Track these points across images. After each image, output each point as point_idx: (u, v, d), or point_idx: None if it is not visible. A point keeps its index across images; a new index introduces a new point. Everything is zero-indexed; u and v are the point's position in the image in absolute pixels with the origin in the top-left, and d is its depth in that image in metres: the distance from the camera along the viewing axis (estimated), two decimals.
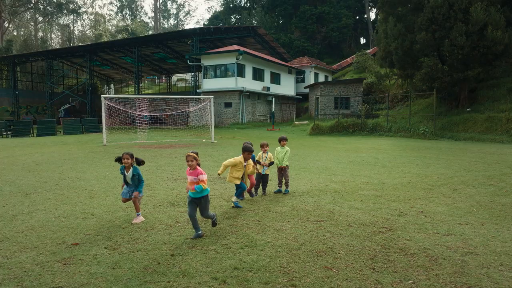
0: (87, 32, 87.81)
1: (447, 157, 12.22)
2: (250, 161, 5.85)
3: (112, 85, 65.78)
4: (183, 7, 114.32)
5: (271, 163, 6.51)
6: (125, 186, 5.13)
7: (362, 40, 64.73)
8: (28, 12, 73.30)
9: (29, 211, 5.47)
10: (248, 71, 30.03)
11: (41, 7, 71.51)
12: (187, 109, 25.24)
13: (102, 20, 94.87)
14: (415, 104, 25.58)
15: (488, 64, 19.55)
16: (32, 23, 74.60)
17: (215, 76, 29.86)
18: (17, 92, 45.41)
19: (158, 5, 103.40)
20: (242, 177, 5.66)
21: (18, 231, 4.51)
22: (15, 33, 73.30)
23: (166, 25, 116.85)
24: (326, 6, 53.28)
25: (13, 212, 5.42)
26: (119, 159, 4.99)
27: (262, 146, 6.54)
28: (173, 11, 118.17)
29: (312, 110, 33.17)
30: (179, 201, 6.04)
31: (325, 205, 5.78)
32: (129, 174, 4.98)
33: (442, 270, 3.38)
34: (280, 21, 57.78)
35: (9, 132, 26.66)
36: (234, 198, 5.64)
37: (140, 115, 20.95)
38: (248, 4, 65.86)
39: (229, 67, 29.00)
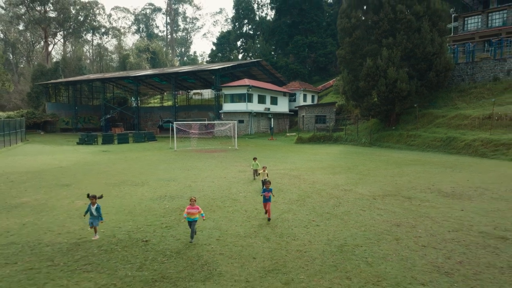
0: (110, 47, 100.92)
1: (361, 156, 25.22)
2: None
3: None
4: (193, 23, 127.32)
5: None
6: (89, 216, 7.99)
7: None
8: (63, 34, 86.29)
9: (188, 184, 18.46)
10: (255, 98, 43.25)
11: (72, 27, 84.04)
12: (222, 128, 38.07)
13: (123, 37, 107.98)
14: (365, 123, 38.70)
15: (399, 102, 32.68)
16: (69, 45, 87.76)
17: (232, 101, 43.13)
18: (76, 108, 58.49)
19: (170, 19, 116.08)
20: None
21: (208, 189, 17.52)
22: (54, 53, 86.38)
23: (176, 36, 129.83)
24: (314, 36, 66.45)
25: (184, 184, 18.41)
26: (92, 197, 7.99)
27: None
28: (182, 25, 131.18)
29: (300, 124, 46.34)
30: (237, 184, 19.03)
31: (292, 171, 18.76)
32: (94, 208, 7.90)
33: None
34: (278, 49, 70.87)
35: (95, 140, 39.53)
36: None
37: (193, 132, 34.01)
38: (252, 32, 79.08)
39: (241, 95, 42.24)
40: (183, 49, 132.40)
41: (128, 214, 10.37)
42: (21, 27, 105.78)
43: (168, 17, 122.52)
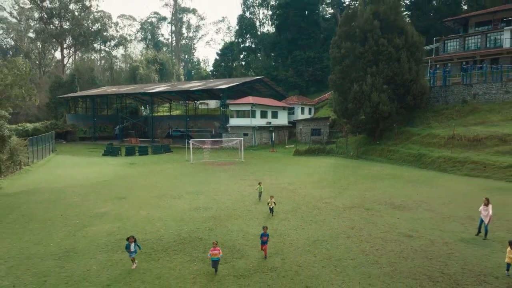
0: (117, 54, 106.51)
1: (347, 170, 30.71)
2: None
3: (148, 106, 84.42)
4: (196, 31, 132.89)
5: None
6: (129, 252, 10.85)
7: None
8: (76, 46, 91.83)
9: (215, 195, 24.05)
10: (258, 113, 48.86)
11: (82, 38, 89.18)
12: (230, 143, 43.59)
13: (129, 44, 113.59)
14: (355, 136, 44.24)
15: (382, 121, 38.24)
16: (79, 53, 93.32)
17: (238, 117, 48.75)
18: (95, 119, 64.09)
19: (176, 31, 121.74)
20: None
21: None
22: (68, 64, 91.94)
23: (181, 44, 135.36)
24: (312, 52, 72.02)
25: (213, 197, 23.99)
26: (131, 237, 10.86)
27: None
28: (186, 33, 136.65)
29: (298, 136, 51.97)
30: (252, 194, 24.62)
31: (289, 185, 24.29)
32: (132, 245, 10.76)
33: None
34: (278, 63, 76.49)
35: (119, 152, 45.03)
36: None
37: (206, 147, 39.53)
38: (253, 46, 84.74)
39: (245, 112, 47.86)
40: (186, 56, 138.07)
41: (180, 220, 15.94)
42: (31, 35, 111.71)
43: (173, 26, 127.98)
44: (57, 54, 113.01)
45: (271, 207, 16.45)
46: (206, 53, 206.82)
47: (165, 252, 12.27)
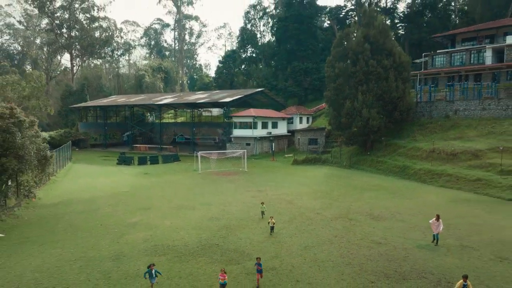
0: (122, 60, 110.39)
1: (339, 180, 34.60)
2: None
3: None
4: (198, 37, 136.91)
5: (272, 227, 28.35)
6: (150, 277, 12.59)
7: None
8: (83, 56, 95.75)
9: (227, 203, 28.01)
10: (259, 125, 52.83)
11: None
12: (234, 154, 47.57)
13: (133, 50, 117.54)
14: (348, 148, 48.19)
15: (372, 134, 42.18)
16: (86, 59, 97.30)
17: (240, 128, 52.74)
18: (106, 128, 68.06)
19: (180, 40, 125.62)
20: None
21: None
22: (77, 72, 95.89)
23: (184, 48, 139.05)
24: (310, 63, 75.96)
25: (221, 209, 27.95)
26: (151, 265, 12.78)
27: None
28: (188, 39, 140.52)
29: (296, 145, 55.96)
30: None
31: (287, 196, 28.21)
32: (153, 271, 12.56)
33: None
34: (278, 73, 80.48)
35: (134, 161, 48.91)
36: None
37: (213, 158, 43.46)
38: (254, 55, 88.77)
39: (248, 123, 51.85)
40: (189, 61, 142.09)
41: (199, 229, 19.87)
42: (38, 41, 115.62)
43: (176, 33, 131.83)
44: (63, 60, 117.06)
45: (271, 226, 19.29)
46: (208, 57, 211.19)
47: (191, 255, 16.20)
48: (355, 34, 44.90)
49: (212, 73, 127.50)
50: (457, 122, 40.91)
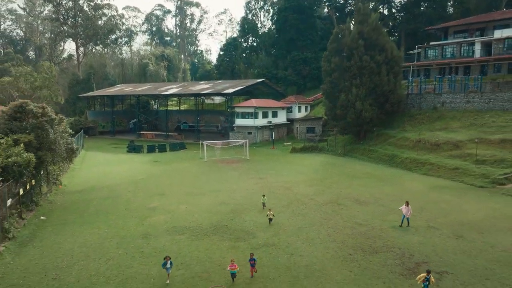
0: (124, 47, 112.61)
1: (333, 168, 38.09)
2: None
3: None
4: (199, 24, 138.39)
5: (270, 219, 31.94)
6: (166, 268, 14.15)
7: None
8: (88, 44, 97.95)
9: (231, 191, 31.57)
10: (260, 114, 56.03)
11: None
12: (237, 143, 51.00)
13: (134, 36, 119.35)
14: (343, 137, 51.54)
15: (365, 124, 45.44)
16: (92, 49, 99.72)
17: (242, 117, 55.98)
18: (114, 116, 71.24)
19: (182, 29, 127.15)
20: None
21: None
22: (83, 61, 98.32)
23: (185, 34, 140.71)
24: (309, 52, 78.46)
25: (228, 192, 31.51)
26: (165, 258, 14.33)
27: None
28: (189, 25, 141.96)
29: (295, 134, 59.31)
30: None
31: (286, 184, 31.75)
32: (169, 262, 14.16)
33: None
34: (278, 62, 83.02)
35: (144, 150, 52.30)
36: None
37: (217, 147, 46.87)
38: (255, 44, 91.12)
39: (249, 113, 55.07)
40: (190, 47, 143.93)
41: (210, 213, 23.42)
42: (41, 28, 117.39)
43: (177, 20, 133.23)
44: (67, 47, 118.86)
45: (270, 218, 21.83)
46: (209, 43, 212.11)
47: (206, 235, 19.77)
48: (351, 29, 47.59)
49: (213, 58, 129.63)
50: (443, 113, 44.09)
